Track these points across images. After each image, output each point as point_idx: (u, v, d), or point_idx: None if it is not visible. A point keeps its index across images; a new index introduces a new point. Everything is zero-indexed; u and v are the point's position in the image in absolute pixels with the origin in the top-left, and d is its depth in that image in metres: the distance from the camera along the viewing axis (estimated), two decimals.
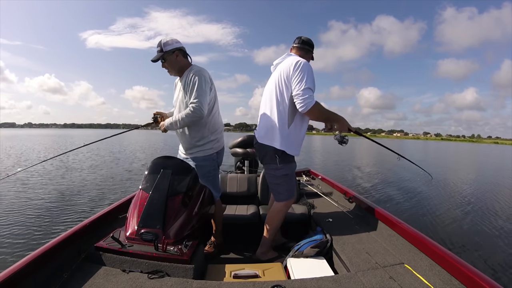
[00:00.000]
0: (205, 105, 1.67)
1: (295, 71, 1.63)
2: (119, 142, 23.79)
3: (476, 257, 3.28)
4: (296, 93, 1.61)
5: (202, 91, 1.65)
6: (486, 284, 0.99)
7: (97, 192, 5.89)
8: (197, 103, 1.63)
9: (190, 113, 1.64)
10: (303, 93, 1.58)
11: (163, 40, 1.72)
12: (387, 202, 5.83)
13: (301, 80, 1.60)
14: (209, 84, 1.72)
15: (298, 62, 1.66)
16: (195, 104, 1.63)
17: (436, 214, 5.01)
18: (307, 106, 1.57)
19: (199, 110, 1.63)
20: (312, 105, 1.58)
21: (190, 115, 1.65)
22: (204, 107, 1.65)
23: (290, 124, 1.71)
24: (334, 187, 2.80)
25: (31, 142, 24.70)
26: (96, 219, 1.63)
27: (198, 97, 1.64)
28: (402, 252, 1.44)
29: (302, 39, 1.87)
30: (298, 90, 1.59)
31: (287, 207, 1.86)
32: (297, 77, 1.62)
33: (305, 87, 1.58)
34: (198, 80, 1.66)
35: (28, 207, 4.55)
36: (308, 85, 1.59)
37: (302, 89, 1.58)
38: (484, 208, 5.63)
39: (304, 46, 1.86)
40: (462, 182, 9.04)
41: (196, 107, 1.63)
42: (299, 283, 1.18)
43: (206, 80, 1.70)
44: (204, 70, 1.74)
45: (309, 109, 1.58)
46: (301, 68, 1.63)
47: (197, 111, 1.63)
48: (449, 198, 6.41)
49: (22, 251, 2.97)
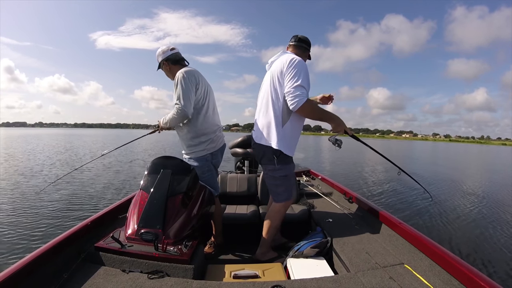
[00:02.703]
0: (189, 104, 1.68)
1: (288, 68, 1.60)
2: (131, 144, 23.65)
3: (476, 258, 3.29)
4: (288, 91, 1.58)
5: (183, 91, 1.67)
6: (486, 285, 0.99)
7: (97, 192, 5.89)
8: (179, 103, 1.67)
9: (174, 114, 1.71)
10: (294, 90, 1.55)
11: (156, 52, 1.87)
12: (387, 202, 5.83)
13: (293, 77, 1.57)
14: (193, 83, 1.72)
15: (292, 59, 1.63)
16: (177, 105, 1.68)
17: (436, 215, 5.01)
18: (298, 103, 1.54)
19: (181, 110, 1.67)
20: (303, 103, 1.54)
21: (175, 115, 1.71)
22: (187, 107, 1.67)
23: (285, 123, 1.68)
24: (334, 187, 2.80)
25: (68, 142, 24.79)
26: (96, 219, 1.62)
27: (179, 97, 1.68)
28: (402, 252, 1.43)
29: (298, 37, 1.84)
30: (290, 88, 1.57)
31: (285, 208, 1.85)
32: (289, 74, 1.59)
33: (297, 85, 1.55)
34: (179, 81, 1.69)
35: (28, 207, 4.55)
36: (301, 83, 1.55)
37: (294, 86, 1.55)
38: (484, 208, 5.64)
39: (301, 44, 1.83)
40: (462, 182, 9.04)
41: (179, 108, 1.67)
42: (299, 283, 1.18)
43: (189, 80, 1.70)
44: (188, 71, 1.73)
45: (300, 106, 1.54)
46: (294, 66, 1.60)
47: (179, 111, 1.68)
48: (449, 199, 6.41)
49: (22, 251, 2.98)
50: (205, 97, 1.81)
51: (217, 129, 1.90)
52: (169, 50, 1.83)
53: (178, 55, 1.85)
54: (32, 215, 4.17)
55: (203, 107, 1.79)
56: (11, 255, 2.89)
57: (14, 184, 6.31)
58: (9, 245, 3.13)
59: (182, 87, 1.67)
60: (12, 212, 4.28)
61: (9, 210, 4.37)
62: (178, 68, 1.82)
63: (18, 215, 4.16)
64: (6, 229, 3.59)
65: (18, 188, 5.98)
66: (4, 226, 3.69)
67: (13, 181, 6.63)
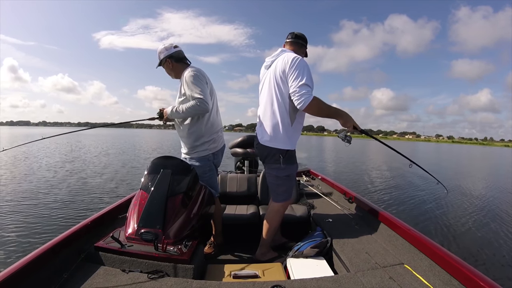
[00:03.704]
0: (209, 99, 1.68)
1: (291, 68, 1.61)
2: (129, 140, 23.44)
3: (476, 258, 3.28)
4: (293, 90, 1.59)
5: (203, 86, 1.67)
6: (486, 285, 0.99)
7: (97, 192, 5.89)
8: (202, 96, 1.64)
9: (196, 105, 1.64)
10: (299, 89, 1.56)
11: (158, 49, 1.83)
12: (387, 202, 5.83)
13: (297, 76, 1.58)
14: (204, 82, 1.73)
15: (294, 58, 1.63)
16: (200, 97, 1.64)
17: (436, 215, 5.01)
18: (305, 102, 1.54)
19: (204, 103, 1.64)
20: (310, 101, 1.55)
21: (195, 107, 1.65)
22: (208, 101, 1.67)
23: (292, 123, 1.69)
24: (334, 187, 2.80)
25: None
26: (96, 219, 1.62)
27: (201, 91, 1.65)
28: (402, 253, 1.43)
29: (295, 33, 1.85)
30: (295, 87, 1.57)
31: (284, 208, 1.85)
32: (293, 74, 1.60)
33: (302, 84, 1.56)
34: (196, 77, 1.68)
35: (28, 207, 4.55)
36: (305, 81, 1.56)
37: (299, 86, 1.56)
38: (484, 209, 5.64)
39: (298, 40, 1.84)
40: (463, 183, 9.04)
41: (202, 100, 1.64)
42: (299, 283, 1.18)
43: (204, 77, 1.72)
44: (200, 70, 1.76)
45: (307, 105, 1.55)
46: (297, 65, 1.61)
47: (202, 104, 1.64)
48: (449, 199, 6.41)
49: (22, 251, 2.98)
50: (211, 97, 1.82)
51: (219, 130, 1.91)
52: (172, 47, 1.82)
53: (181, 53, 1.84)
54: (32, 215, 4.17)
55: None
56: (11, 255, 2.89)
57: (14, 184, 6.31)
58: (9, 245, 3.13)
59: (201, 83, 1.67)
60: (12, 212, 4.28)
61: (9, 210, 4.37)
62: (181, 66, 1.82)
63: (18, 215, 4.16)
64: (6, 229, 3.59)
65: (18, 188, 5.98)
66: (4, 226, 3.69)
67: (13, 181, 6.63)
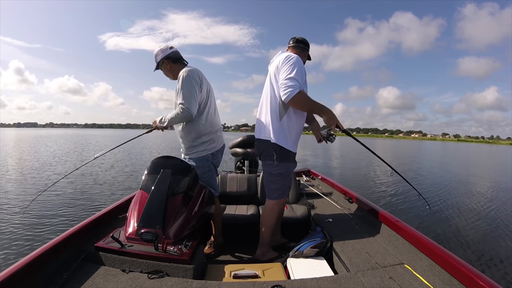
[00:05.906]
0: (194, 105, 1.67)
1: (283, 63, 1.65)
2: (131, 143, 23.41)
3: (476, 258, 3.28)
4: (280, 83, 1.61)
5: (187, 91, 1.66)
6: (486, 285, 0.99)
7: (97, 192, 5.89)
8: (185, 103, 1.65)
9: (179, 113, 1.67)
10: (286, 82, 1.58)
11: (154, 52, 1.83)
12: (387, 202, 5.83)
13: (286, 70, 1.61)
14: (197, 83, 1.71)
15: (288, 56, 1.68)
16: (182, 104, 1.65)
17: (436, 215, 5.01)
18: (290, 94, 1.56)
19: (186, 110, 1.65)
20: (295, 94, 1.56)
21: (179, 115, 1.68)
22: (192, 107, 1.66)
23: (282, 117, 1.71)
24: (334, 187, 2.80)
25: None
26: (96, 219, 1.62)
27: (184, 97, 1.66)
28: (402, 252, 1.44)
29: (296, 38, 1.88)
30: (283, 80, 1.60)
31: (278, 206, 1.85)
32: (283, 68, 1.63)
33: (290, 76, 1.58)
34: (184, 81, 1.67)
35: (28, 207, 4.55)
36: (294, 75, 1.59)
37: (286, 78, 1.59)
38: (484, 209, 5.63)
39: (299, 44, 1.87)
40: (462, 183, 9.03)
41: (184, 108, 1.65)
42: (299, 283, 1.18)
43: (194, 80, 1.70)
44: (192, 70, 1.74)
45: (292, 97, 1.56)
46: (289, 61, 1.64)
47: (184, 111, 1.65)
48: (449, 199, 6.41)
49: (22, 251, 2.98)
50: (208, 97, 1.81)
51: (218, 129, 1.90)
52: (168, 48, 1.82)
53: (178, 54, 1.84)
54: (32, 215, 4.17)
55: (206, 107, 1.79)
56: (11, 255, 2.89)
57: (14, 184, 6.31)
58: (9, 245, 3.13)
59: (187, 86, 1.67)
60: (12, 212, 4.28)
61: (10, 210, 4.37)
62: (179, 66, 1.82)
63: (18, 215, 4.16)
64: (6, 229, 3.59)
65: (18, 188, 5.98)
66: (4, 226, 3.69)
67: (14, 181, 6.63)
